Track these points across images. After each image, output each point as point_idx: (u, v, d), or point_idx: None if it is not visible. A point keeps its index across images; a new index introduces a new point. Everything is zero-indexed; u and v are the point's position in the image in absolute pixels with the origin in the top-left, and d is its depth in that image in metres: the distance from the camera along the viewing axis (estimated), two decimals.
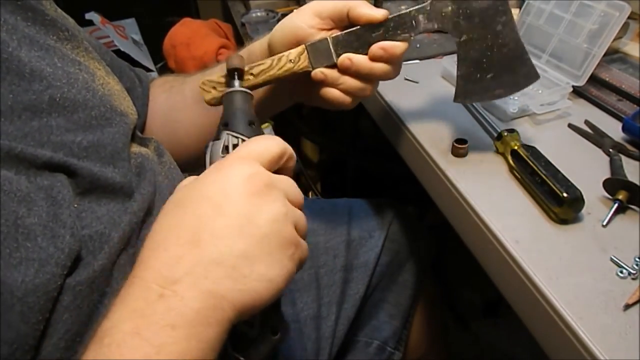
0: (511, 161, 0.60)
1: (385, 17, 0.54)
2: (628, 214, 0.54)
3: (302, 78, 0.57)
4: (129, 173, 0.49)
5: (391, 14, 0.55)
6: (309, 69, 0.56)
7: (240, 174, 0.39)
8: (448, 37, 0.57)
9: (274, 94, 0.64)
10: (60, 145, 0.44)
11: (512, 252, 0.50)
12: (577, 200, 0.52)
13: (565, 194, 0.51)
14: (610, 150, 0.63)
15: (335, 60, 0.55)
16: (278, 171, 0.42)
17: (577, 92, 0.74)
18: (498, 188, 0.59)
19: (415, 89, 0.80)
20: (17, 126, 0.42)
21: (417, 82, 0.81)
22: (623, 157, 0.61)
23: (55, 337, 0.38)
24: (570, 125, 0.68)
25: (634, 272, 0.47)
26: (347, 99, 0.56)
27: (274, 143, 0.42)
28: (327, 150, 1.58)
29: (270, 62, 0.56)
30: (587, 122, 0.69)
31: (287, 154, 0.43)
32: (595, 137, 0.66)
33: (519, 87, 0.58)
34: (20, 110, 0.42)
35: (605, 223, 0.53)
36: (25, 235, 0.37)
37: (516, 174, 0.59)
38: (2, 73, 0.42)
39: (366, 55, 0.54)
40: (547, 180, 0.54)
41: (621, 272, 0.47)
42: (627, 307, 0.44)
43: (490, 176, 0.61)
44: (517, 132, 0.62)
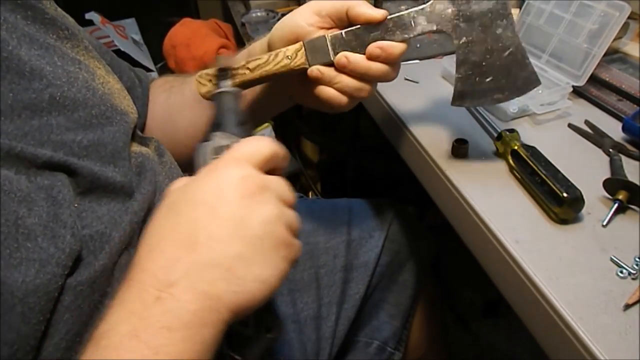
0: (511, 161, 0.60)
1: (385, 17, 0.54)
2: (628, 214, 0.54)
3: (299, 77, 0.57)
4: (129, 172, 0.49)
5: (391, 14, 0.54)
6: (306, 66, 0.55)
7: (233, 176, 0.39)
8: (448, 37, 0.56)
9: (271, 93, 0.64)
10: (60, 145, 0.44)
11: (512, 252, 0.50)
12: (577, 200, 0.52)
13: (565, 194, 0.51)
14: (610, 150, 0.63)
15: (332, 59, 0.55)
16: (270, 172, 0.42)
17: (577, 92, 0.74)
18: (498, 188, 0.59)
19: (415, 89, 0.80)
20: (17, 125, 0.42)
21: (417, 82, 0.81)
22: (623, 157, 0.61)
23: (57, 338, 0.38)
24: (570, 125, 0.68)
25: (634, 272, 0.47)
26: (343, 99, 0.55)
27: (265, 144, 0.42)
28: (327, 150, 1.58)
29: (267, 57, 0.56)
30: (587, 122, 0.69)
31: (278, 155, 0.43)
32: (595, 137, 0.66)
33: (518, 92, 0.57)
34: (20, 109, 0.42)
35: (605, 223, 0.53)
36: (26, 236, 0.37)
37: (516, 174, 0.59)
38: (2, 72, 0.42)
39: (364, 54, 0.54)
40: (547, 180, 0.54)
41: (621, 272, 0.47)
42: (627, 307, 0.44)
43: (490, 176, 0.61)
44: (517, 132, 0.62)
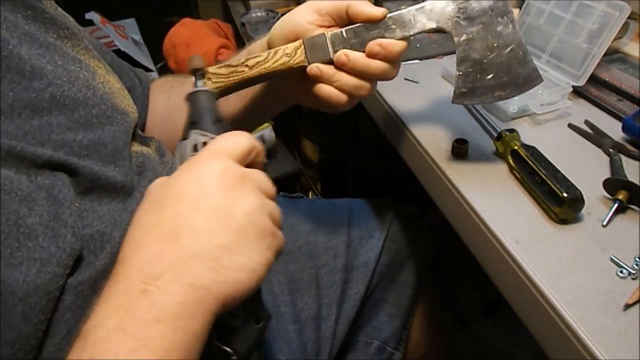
0: (511, 161, 0.60)
1: (384, 15, 0.54)
2: (628, 214, 0.54)
3: (298, 76, 0.57)
4: (130, 172, 0.49)
5: (390, 12, 0.54)
6: (305, 63, 0.55)
7: (213, 169, 0.39)
8: (448, 37, 0.56)
9: (270, 93, 0.64)
10: (60, 144, 0.44)
11: (512, 252, 0.50)
12: (577, 200, 0.52)
13: (565, 194, 0.51)
14: (610, 150, 0.63)
15: (331, 56, 0.54)
16: (249, 166, 0.43)
17: (577, 92, 0.74)
18: (498, 188, 0.59)
19: (415, 89, 0.80)
20: (18, 124, 0.42)
21: (417, 82, 0.81)
22: (623, 157, 0.61)
23: (58, 337, 0.38)
24: (570, 125, 0.69)
25: (634, 272, 0.47)
26: (342, 97, 0.55)
27: (242, 139, 0.42)
28: (327, 150, 1.58)
29: (266, 55, 0.56)
30: (587, 122, 0.69)
31: (255, 149, 0.43)
32: (595, 137, 0.66)
33: (520, 90, 0.57)
34: (20, 108, 0.42)
35: (605, 223, 0.53)
36: (27, 235, 0.37)
37: (516, 174, 0.59)
38: (2, 71, 0.42)
39: (364, 53, 0.54)
40: (547, 180, 0.54)
41: (621, 272, 0.47)
42: (627, 307, 0.44)
43: (490, 176, 0.61)
44: (517, 132, 0.62)
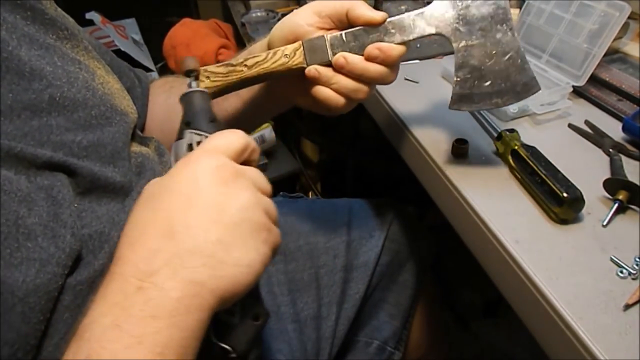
0: (511, 161, 0.60)
1: (384, 20, 0.54)
2: (628, 214, 0.54)
3: (297, 77, 0.57)
4: (129, 172, 0.49)
5: (391, 14, 0.54)
6: (304, 65, 0.55)
7: (207, 166, 0.39)
8: (447, 40, 0.56)
9: (269, 94, 0.64)
10: (60, 145, 0.44)
11: (512, 252, 0.50)
12: (577, 200, 0.52)
13: (565, 194, 0.51)
14: (610, 150, 0.63)
15: (330, 59, 0.54)
16: (244, 164, 0.43)
17: (577, 92, 0.74)
18: (498, 188, 0.59)
19: (416, 89, 0.80)
20: (17, 125, 0.42)
21: (417, 82, 0.81)
22: (623, 157, 0.61)
23: (56, 337, 0.38)
24: (570, 125, 0.68)
25: (634, 272, 0.47)
26: (340, 100, 0.55)
27: (237, 137, 0.42)
28: (327, 150, 1.58)
29: (266, 55, 0.56)
30: (587, 122, 0.69)
31: (250, 146, 0.43)
32: (595, 137, 0.66)
33: (518, 97, 0.57)
34: (20, 109, 0.42)
35: (605, 223, 0.53)
36: (26, 236, 0.37)
37: (516, 174, 0.59)
38: (2, 72, 0.42)
39: (362, 56, 0.54)
40: (547, 180, 0.54)
41: (621, 272, 0.47)
42: (627, 307, 0.44)
43: (490, 176, 0.61)
44: (517, 132, 0.62)
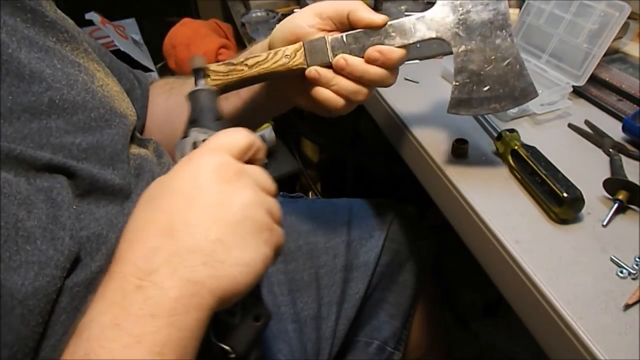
0: (511, 161, 0.60)
1: (385, 23, 0.54)
2: (628, 214, 0.54)
3: (297, 78, 0.57)
4: (127, 175, 0.49)
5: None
6: (304, 66, 0.55)
7: (209, 163, 0.39)
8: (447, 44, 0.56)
9: (269, 94, 0.64)
10: (59, 147, 0.44)
11: (512, 252, 0.50)
12: (577, 200, 0.52)
13: (565, 194, 0.51)
14: (610, 150, 0.62)
15: (330, 60, 0.55)
16: (249, 163, 0.42)
17: (577, 92, 0.74)
18: (498, 188, 0.59)
19: (416, 89, 0.80)
20: (17, 128, 0.42)
21: (417, 82, 0.81)
22: (623, 157, 0.61)
23: (54, 339, 0.38)
24: (570, 125, 0.68)
25: (634, 272, 0.47)
26: (339, 101, 0.55)
27: (241, 135, 0.42)
28: (327, 150, 1.58)
29: (266, 55, 0.56)
30: (587, 122, 0.69)
31: (255, 145, 0.43)
32: (595, 137, 0.66)
33: (515, 103, 0.57)
34: (19, 111, 0.42)
35: (605, 223, 0.53)
36: (25, 238, 0.37)
37: (516, 174, 0.59)
38: (1, 75, 0.42)
39: (363, 58, 0.54)
40: (547, 180, 0.54)
41: (621, 272, 0.47)
42: (627, 307, 0.44)
43: (491, 176, 0.61)
44: (517, 132, 0.62)
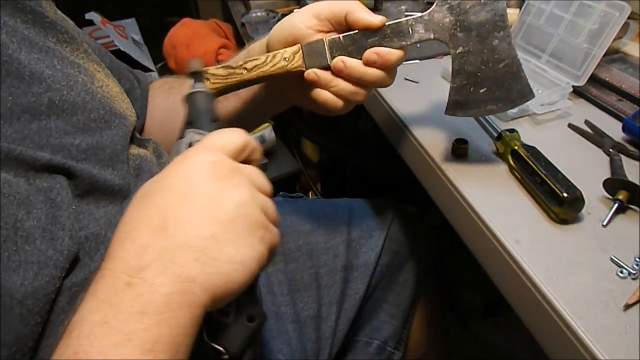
0: (511, 161, 0.60)
1: (383, 24, 0.54)
2: (628, 214, 0.54)
3: (296, 79, 0.57)
4: (127, 175, 0.49)
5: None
6: (302, 68, 0.56)
7: (203, 161, 0.39)
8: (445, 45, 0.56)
9: (268, 94, 0.64)
10: (59, 148, 0.44)
11: (512, 252, 0.50)
12: (577, 200, 0.52)
13: (565, 194, 0.51)
14: (610, 150, 0.62)
15: (329, 62, 0.55)
16: (244, 163, 0.42)
17: (577, 92, 0.74)
18: (498, 188, 0.59)
19: (416, 89, 0.80)
20: (16, 128, 0.42)
21: (417, 82, 0.81)
22: (623, 157, 0.61)
23: (52, 339, 0.38)
24: (570, 125, 0.68)
25: (634, 272, 0.47)
26: (338, 102, 0.56)
27: (236, 135, 0.42)
28: (327, 150, 1.58)
29: (265, 58, 0.56)
30: (587, 122, 0.69)
31: (250, 145, 0.43)
32: (595, 137, 0.66)
33: (512, 105, 0.57)
34: (19, 112, 0.42)
35: (605, 223, 0.53)
36: (25, 239, 0.37)
37: (516, 174, 0.59)
38: (1, 75, 0.42)
39: (361, 59, 0.54)
40: (547, 180, 0.54)
41: (621, 272, 0.47)
42: (627, 307, 0.44)
43: (491, 176, 0.61)
44: (517, 132, 0.62)
